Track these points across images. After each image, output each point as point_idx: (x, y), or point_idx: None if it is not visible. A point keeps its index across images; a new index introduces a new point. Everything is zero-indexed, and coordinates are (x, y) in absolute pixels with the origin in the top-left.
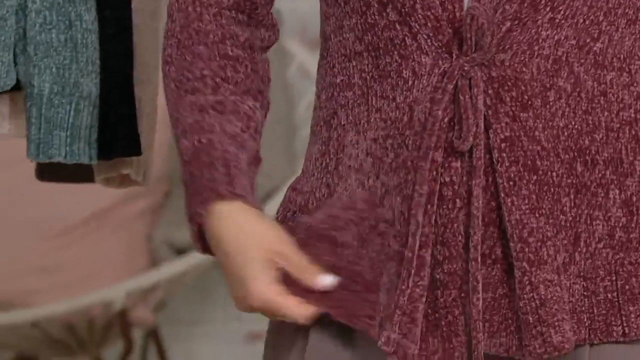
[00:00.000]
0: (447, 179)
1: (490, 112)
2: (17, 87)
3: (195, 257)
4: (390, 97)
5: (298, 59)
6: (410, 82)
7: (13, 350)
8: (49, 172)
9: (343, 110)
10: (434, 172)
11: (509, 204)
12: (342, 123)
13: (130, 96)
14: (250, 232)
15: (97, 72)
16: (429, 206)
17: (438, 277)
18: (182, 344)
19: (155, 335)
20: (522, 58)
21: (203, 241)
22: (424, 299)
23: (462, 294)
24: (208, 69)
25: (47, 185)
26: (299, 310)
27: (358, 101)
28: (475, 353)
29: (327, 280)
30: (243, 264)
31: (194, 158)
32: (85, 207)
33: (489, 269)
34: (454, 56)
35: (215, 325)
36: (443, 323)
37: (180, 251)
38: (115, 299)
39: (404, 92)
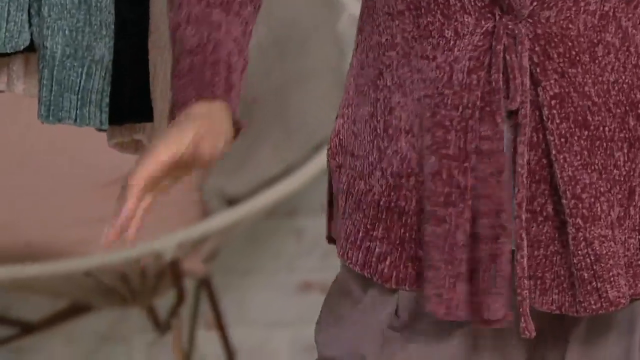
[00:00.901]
0: (486, 135)
1: (538, 69)
2: (32, 48)
3: (247, 208)
4: (431, 57)
5: (349, 10)
6: (452, 42)
7: (67, 299)
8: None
9: (388, 70)
10: (474, 130)
11: (561, 160)
12: (388, 84)
13: (144, 62)
14: (205, 126)
15: (110, 37)
16: (466, 163)
17: (479, 231)
18: (234, 294)
19: (207, 285)
20: (568, 14)
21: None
22: (464, 255)
23: (498, 251)
24: None
25: (101, 136)
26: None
27: (401, 62)
28: (521, 310)
29: (111, 232)
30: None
31: (200, 51)
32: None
33: (540, 226)
34: (497, 16)
35: (267, 275)
36: (479, 276)
37: (231, 201)
38: (166, 250)
39: (445, 52)
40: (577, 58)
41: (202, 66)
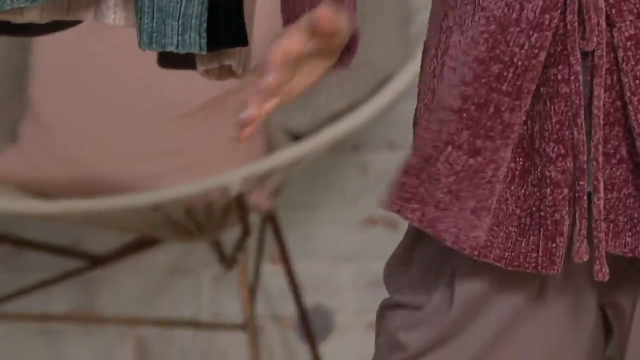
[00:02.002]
0: (561, 77)
1: (613, 10)
2: None
3: (312, 143)
4: None
5: None
6: None
7: (134, 233)
8: (166, 59)
9: (452, 11)
10: (540, 70)
11: (635, 102)
12: (450, 25)
13: None
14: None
15: None
16: (517, 101)
17: (549, 174)
18: (299, 228)
19: (272, 220)
20: None
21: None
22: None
23: (574, 193)
24: None
25: (169, 71)
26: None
27: (466, 0)
28: (596, 252)
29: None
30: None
31: None
32: (205, 92)
33: (614, 168)
34: None
35: (332, 210)
36: (548, 222)
37: (296, 137)
38: (232, 184)
39: None
40: None
41: None
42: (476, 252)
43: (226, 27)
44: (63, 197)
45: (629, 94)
